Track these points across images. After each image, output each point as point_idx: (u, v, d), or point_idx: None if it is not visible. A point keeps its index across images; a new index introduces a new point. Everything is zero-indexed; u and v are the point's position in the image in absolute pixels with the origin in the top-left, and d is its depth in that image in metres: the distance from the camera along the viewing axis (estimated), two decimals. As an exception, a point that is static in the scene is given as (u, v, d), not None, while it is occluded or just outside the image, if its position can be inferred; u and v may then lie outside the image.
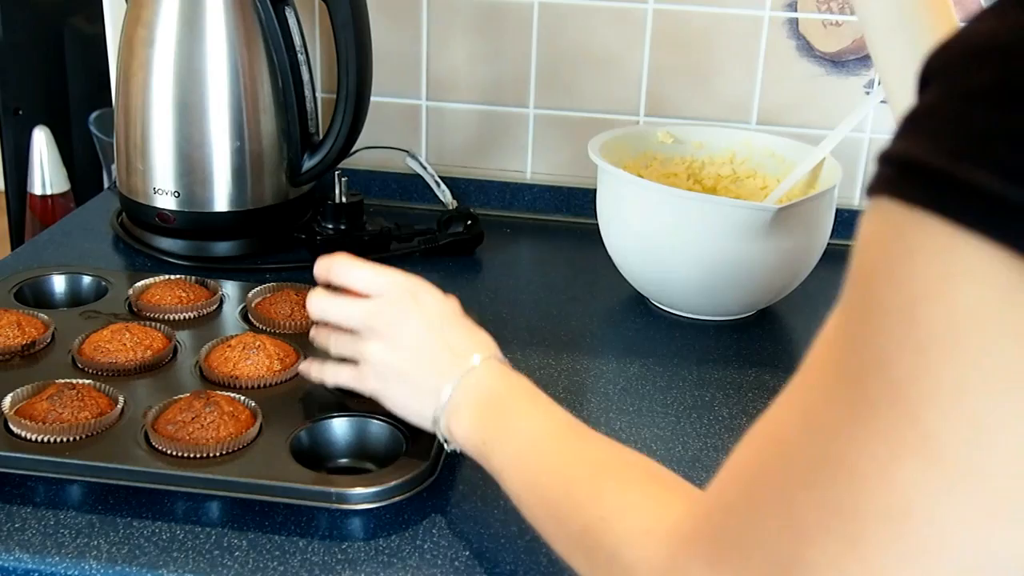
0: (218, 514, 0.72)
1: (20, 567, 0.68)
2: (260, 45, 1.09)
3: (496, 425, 0.66)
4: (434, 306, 0.72)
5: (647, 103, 1.25)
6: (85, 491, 0.74)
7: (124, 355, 0.86)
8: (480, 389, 0.69)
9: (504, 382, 0.69)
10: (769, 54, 1.21)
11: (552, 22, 1.24)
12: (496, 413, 0.67)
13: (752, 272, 0.98)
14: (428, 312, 0.72)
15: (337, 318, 0.75)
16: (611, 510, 0.53)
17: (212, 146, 1.09)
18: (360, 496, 0.71)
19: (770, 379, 0.94)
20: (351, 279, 0.74)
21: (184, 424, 0.75)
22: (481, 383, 0.69)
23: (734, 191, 1.13)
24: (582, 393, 0.91)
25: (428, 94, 1.29)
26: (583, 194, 1.27)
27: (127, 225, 1.17)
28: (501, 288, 1.11)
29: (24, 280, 1.00)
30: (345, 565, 0.68)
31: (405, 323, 0.71)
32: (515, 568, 0.69)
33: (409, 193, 1.31)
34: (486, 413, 0.67)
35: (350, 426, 0.79)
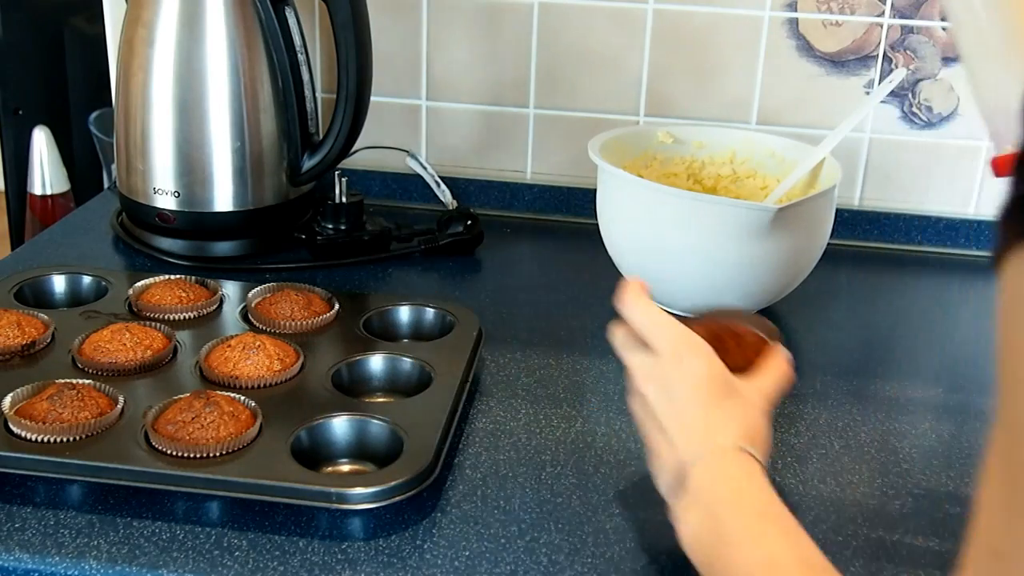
0: (218, 514, 0.72)
1: (20, 567, 0.68)
2: (260, 45, 1.09)
3: (720, 549, 0.62)
4: (702, 371, 0.68)
5: (647, 103, 1.25)
6: (85, 491, 0.74)
7: (124, 355, 0.86)
8: (714, 491, 0.64)
9: (737, 488, 0.64)
10: (769, 54, 1.21)
11: (552, 22, 1.24)
12: (722, 533, 0.62)
13: (752, 272, 0.98)
14: (695, 379, 0.68)
15: (622, 358, 0.72)
16: None
17: (212, 146, 1.09)
18: (360, 496, 0.71)
19: (770, 379, 0.94)
20: (631, 320, 0.72)
21: (184, 424, 0.75)
22: (716, 483, 0.64)
23: (734, 191, 1.13)
24: (582, 393, 0.91)
25: (428, 94, 1.29)
26: (583, 194, 1.26)
27: (127, 225, 1.17)
28: (501, 288, 1.11)
29: (24, 280, 1.00)
30: (345, 565, 0.68)
31: (672, 387, 0.68)
32: (515, 568, 0.69)
33: (409, 193, 1.31)
34: (713, 525, 0.62)
35: (350, 426, 0.79)
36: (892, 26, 1.19)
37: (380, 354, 0.89)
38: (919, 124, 1.22)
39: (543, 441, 0.83)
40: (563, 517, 0.74)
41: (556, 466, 0.80)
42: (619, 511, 0.75)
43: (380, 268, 1.13)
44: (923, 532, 0.74)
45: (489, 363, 0.95)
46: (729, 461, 0.64)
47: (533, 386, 0.91)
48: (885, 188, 1.25)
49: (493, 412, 0.87)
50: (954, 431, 0.88)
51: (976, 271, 1.21)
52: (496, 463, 0.80)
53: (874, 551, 0.72)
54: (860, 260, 1.23)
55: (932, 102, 1.21)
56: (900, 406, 0.91)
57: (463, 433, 0.84)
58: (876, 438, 0.86)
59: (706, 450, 0.64)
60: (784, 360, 0.71)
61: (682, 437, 0.66)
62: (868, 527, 0.75)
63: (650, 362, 0.69)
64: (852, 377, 0.95)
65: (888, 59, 1.20)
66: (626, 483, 0.78)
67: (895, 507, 0.77)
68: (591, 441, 0.84)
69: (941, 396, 0.93)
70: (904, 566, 0.71)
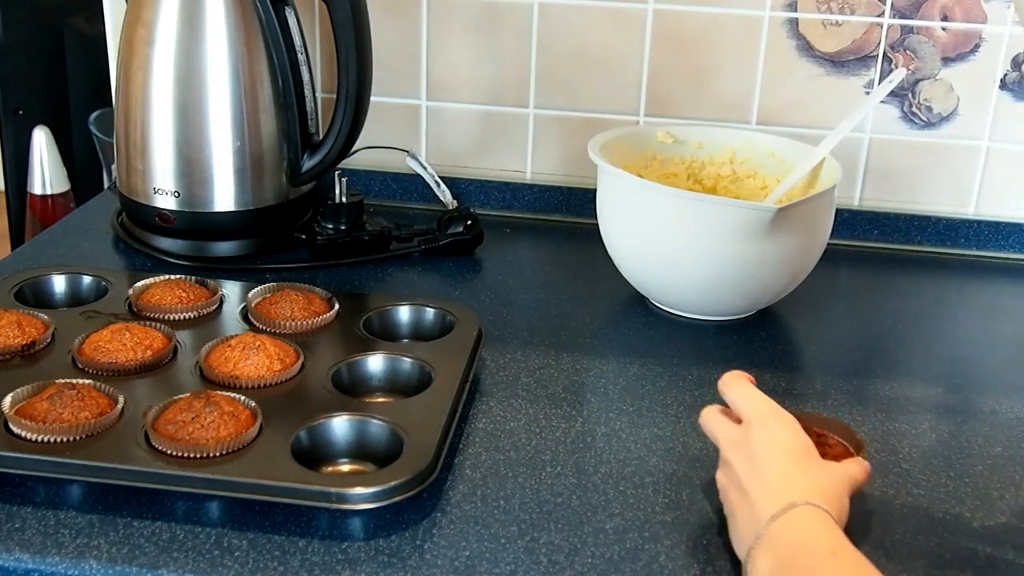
0: (218, 514, 0.72)
1: (20, 567, 0.68)
2: (260, 45, 1.09)
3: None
4: (786, 437, 0.71)
5: (647, 103, 1.25)
6: (85, 491, 0.74)
7: (124, 355, 0.86)
8: (787, 536, 0.65)
9: (809, 531, 0.65)
10: (769, 54, 1.21)
11: (552, 22, 1.24)
12: (792, 568, 0.63)
13: (752, 272, 0.98)
14: (779, 442, 0.71)
15: (713, 436, 0.75)
16: None
17: (212, 146, 1.09)
18: (360, 496, 0.71)
19: (770, 379, 0.94)
20: (729, 397, 0.75)
21: (184, 424, 0.75)
22: (789, 529, 0.65)
23: (734, 191, 1.13)
24: (582, 393, 0.91)
25: (428, 94, 1.29)
26: (583, 194, 1.27)
27: (127, 225, 1.17)
28: (501, 288, 1.11)
29: (24, 280, 1.00)
30: (345, 565, 0.68)
31: (757, 451, 0.70)
32: (515, 568, 0.69)
33: (409, 193, 1.31)
34: (784, 565, 0.64)
35: (350, 426, 0.79)
36: (892, 26, 1.19)
37: (380, 354, 0.89)
38: (919, 124, 1.22)
39: (543, 441, 0.83)
40: (563, 517, 0.74)
41: (556, 466, 0.80)
42: (619, 511, 0.75)
43: (380, 268, 1.13)
44: (923, 532, 0.74)
45: (489, 363, 0.95)
46: (804, 512, 0.66)
47: (533, 386, 0.91)
48: (885, 188, 1.25)
49: (493, 412, 0.87)
50: (954, 431, 0.88)
51: (976, 271, 1.21)
52: (496, 463, 0.80)
53: (874, 551, 0.72)
54: (860, 260, 1.23)
55: (932, 102, 1.21)
56: (900, 406, 0.91)
57: (463, 433, 0.84)
58: (876, 438, 0.86)
59: (783, 506, 0.66)
60: (864, 467, 0.73)
61: (762, 496, 0.68)
62: (868, 527, 0.75)
63: (739, 431, 0.73)
64: (852, 377, 0.95)
65: (888, 59, 1.20)
66: (626, 483, 0.78)
67: (895, 507, 0.77)
68: (591, 441, 0.84)
69: (941, 396, 0.93)
70: (904, 566, 0.71)
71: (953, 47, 1.19)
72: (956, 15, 1.17)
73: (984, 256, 1.23)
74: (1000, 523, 0.76)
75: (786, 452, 0.70)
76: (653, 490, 0.78)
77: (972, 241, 1.23)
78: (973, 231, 1.23)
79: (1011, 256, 1.24)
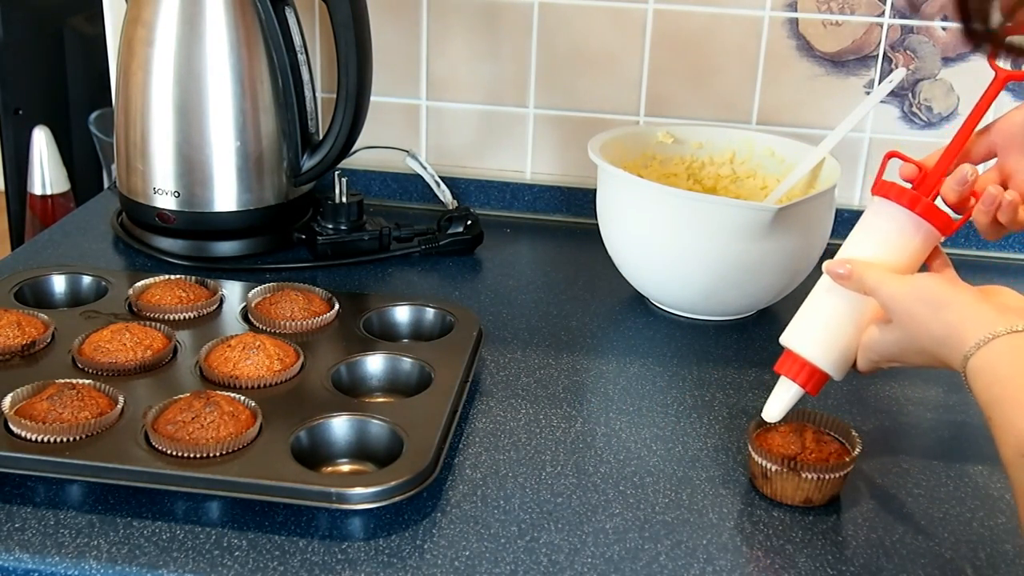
0: (218, 514, 0.72)
1: (20, 567, 0.68)
2: (260, 45, 1.09)
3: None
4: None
5: (647, 103, 1.25)
6: (85, 491, 0.74)
7: (124, 355, 0.86)
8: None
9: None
10: (769, 54, 1.21)
11: (552, 22, 1.24)
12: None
13: (752, 272, 0.98)
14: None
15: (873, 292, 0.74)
16: None
17: (212, 146, 1.09)
18: (360, 496, 0.71)
19: (770, 379, 0.94)
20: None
21: (184, 424, 0.75)
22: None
23: (734, 191, 1.13)
24: (582, 393, 0.91)
25: (428, 94, 1.29)
26: (583, 194, 1.27)
27: (127, 225, 1.17)
28: (501, 288, 1.11)
29: (24, 280, 1.00)
30: (345, 565, 0.68)
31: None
32: (515, 568, 0.69)
33: (409, 193, 1.31)
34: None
35: (350, 426, 0.79)
36: (892, 26, 1.19)
37: (380, 354, 0.89)
38: (919, 124, 1.22)
39: (543, 441, 0.83)
40: (563, 517, 0.74)
41: (556, 466, 0.80)
42: (619, 511, 0.75)
43: (380, 268, 1.13)
44: (923, 532, 0.74)
45: (489, 363, 0.95)
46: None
47: (533, 386, 0.91)
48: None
49: (493, 412, 0.87)
50: (954, 431, 0.88)
51: (976, 271, 1.21)
52: (496, 463, 0.80)
53: (874, 551, 0.72)
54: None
55: (932, 102, 1.21)
56: (900, 406, 0.91)
57: (463, 433, 0.84)
58: (876, 438, 0.86)
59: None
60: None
61: (977, 311, 0.67)
62: (868, 527, 0.75)
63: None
64: (852, 377, 0.95)
65: (888, 59, 1.20)
66: (626, 483, 0.78)
67: (895, 507, 0.77)
68: (591, 441, 0.84)
69: (941, 396, 0.93)
70: (904, 566, 0.71)
71: (953, 47, 1.19)
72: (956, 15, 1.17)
73: (984, 256, 1.23)
74: (1000, 523, 0.76)
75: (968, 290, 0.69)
76: (653, 490, 0.78)
77: (972, 241, 1.23)
78: (973, 231, 1.23)
79: (1011, 256, 1.24)
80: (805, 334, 0.77)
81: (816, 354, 0.75)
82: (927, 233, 0.74)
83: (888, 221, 0.75)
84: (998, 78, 0.75)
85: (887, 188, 0.75)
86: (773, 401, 0.78)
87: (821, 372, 0.76)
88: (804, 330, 0.77)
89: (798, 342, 0.76)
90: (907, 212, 0.74)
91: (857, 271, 0.73)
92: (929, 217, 0.73)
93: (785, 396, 0.77)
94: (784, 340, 0.77)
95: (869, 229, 0.76)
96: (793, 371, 0.76)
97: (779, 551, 0.72)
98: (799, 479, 0.75)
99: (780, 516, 0.75)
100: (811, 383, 0.76)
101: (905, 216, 0.74)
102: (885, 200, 0.75)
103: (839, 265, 0.75)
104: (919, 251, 0.75)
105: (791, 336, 0.77)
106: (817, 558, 0.71)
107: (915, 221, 0.74)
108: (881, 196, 0.75)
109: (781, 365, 0.77)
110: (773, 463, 0.75)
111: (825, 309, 0.76)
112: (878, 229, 0.75)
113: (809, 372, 0.76)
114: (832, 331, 0.75)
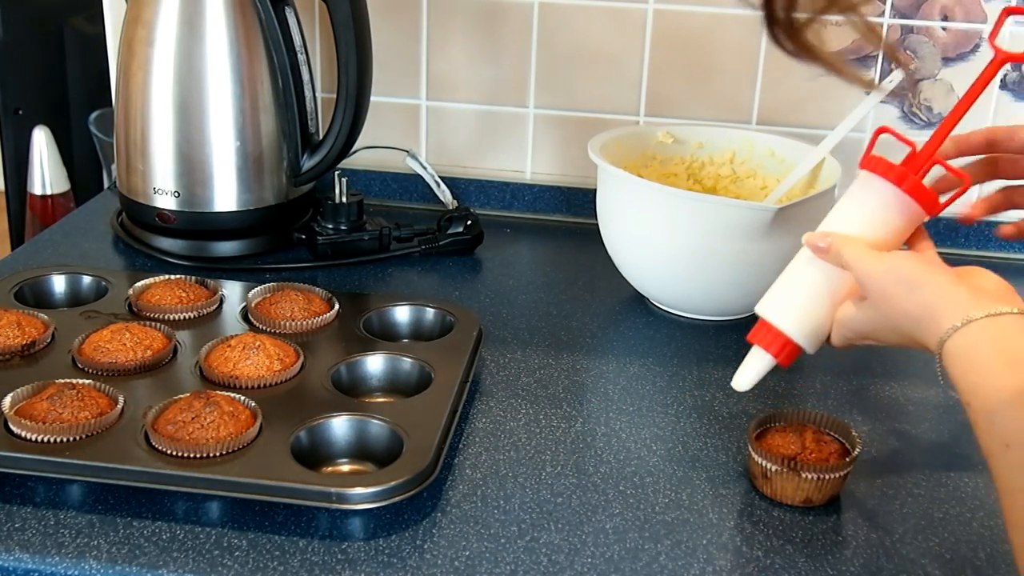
0: (218, 514, 0.72)
1: (20, 567, 0.68)
2: (260, 45, 1.09)
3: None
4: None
5: (647, 103, 1.25)
6: (85, 491, 0.74)
7: (124, 355, 0.86)
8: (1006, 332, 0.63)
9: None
10: (769, 54, 1.21)
11: (552, 22, 1.24)
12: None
13: (752, 272, 0.98)
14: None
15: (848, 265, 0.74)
16: None
17: (212, 146, 1.09)
18: (360, 496, 0.71)
19: (770, 379, 0.94)
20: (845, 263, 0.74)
21: (184, 424, 0.75)
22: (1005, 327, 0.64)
23: (734, 191, 1.13)
24: (582, 393, 0.91)
25: (428, 94, 1.29)
26: (583, 194, 1.27)
27: (127, 225, 1.17)
28: (501, 288, 1.11)
29: (24, 280, 1.00)
30: (345, 565, 0.68)
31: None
32: (515, 568, 0.69)
33: (409, 193, 1.31)
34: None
35: (350, 426, 0.79)
36: (892, 26, 1.19)
37: (380, 354, 0.89)
38: (919, 124, 1.22)
39: (543, 441, 0.83)
40: (563, 517, 0.74)
41: (556, 466, 0.80)
42: (619, 511, 0.75)
43: (380, 268, 1.13)
44: (923, 532, 0.74)
45: (489, 363, 0.95)
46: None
47: (533, 386, 0.91)
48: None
49: (493, 412, 0.87)
50: (954, 431, 0.88)
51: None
52: (496, 463, 0.80)
53: (874, 551, 0.72)
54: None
55: (932, 102, 1.21)
56: (900, 406, 0.91)
57: (463, 433, 0.84)
58: (876, 438, 0.86)
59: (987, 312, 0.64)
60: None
61: (955, 293, 0.67)
62: (868, 527, 0.75)
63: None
64: (852, 377, 0.95)
65: (888, 59, 1.20)
66: (626, 483, 0.78)
67: (895, 507, 0.77)
68: (591, 441, 0.84)
69: (941, 396, 0.93)
70: (904, 566, 0.71)
71: (953, 47, 1.19)
72: (956, 15, 1.17)
73: (984, 256, 1.23)
74: (1000, 523, 0.76)
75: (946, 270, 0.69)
76: (653, 490, 0.78)
77: (972, 241, 1.23)
78: (973, 231, 1.23)
79: (1011, 256, 1.24)
80: (780, 305, 0.76)
81: (790, 325, 0.75)
82: (912, 211, 0.73)
83: (873, 196, 0.74)
84: (996, 59, 0.75)
85: (875, 163, 0.74)
86: (744, 370, 0.77)
87: (794, 344, 0.75)
88: (779, 301, 0.76)
89: (773, 312, 0.76)
90: (893, 188, 0.73)
91: (836, 245, 0.73)
92: (915, 195, 0.73)
93: (756, 366, 0.77)
94: (759, 309, 0.77)
95: (853, 203, 0.75)
96: (766, 341, 0.76)
97: (779, 551, 0.72)
98: (799, 479, 0.75)
99: (780, 516, 0.75)
100: (783, 354, 0.75)
101: (891, 192, 0.73)
102: (872, 174, 0.74)
103: (819, 238, 0.74)
104: (902, 229, 0.74)
105: (766, 306, 0.76)
106: (817, 558, 0.71)
107: (900, 198, 0.73)
108: (868, 170, 0.74)
109: (754, 335, 0.76)
110: (773, 463, 0.75)
111: (802, 281, 0.75)
112: (862, 203, 0.74)
113: (782, 343, 0.75)
114: (807, 303, 0.75)
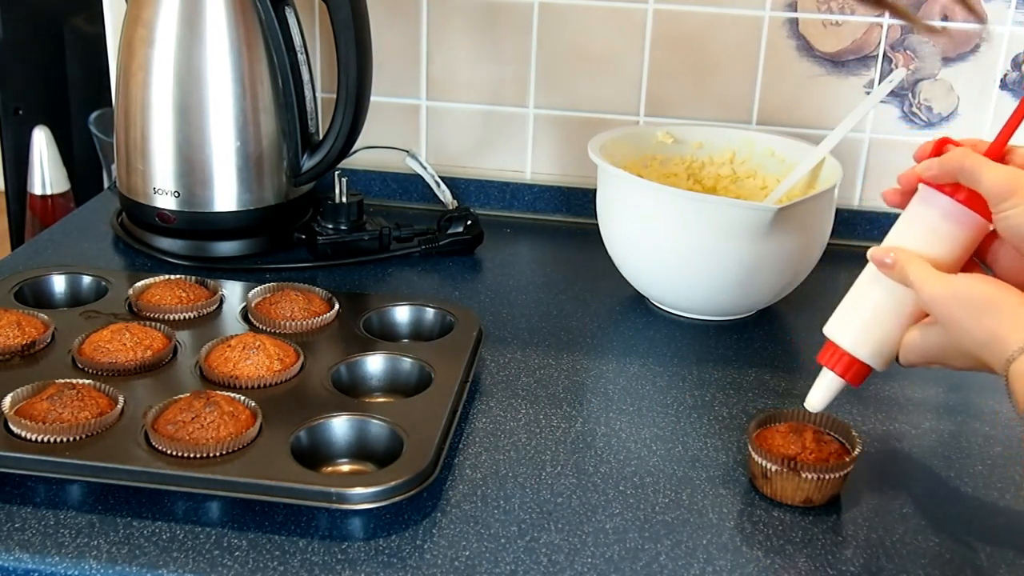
0: (218, 514, 0.72)
1: (20, 567, 0.68)
2: (260, 45, 1.09)
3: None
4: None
5: (647, 103, 1.25)
6: (85, 491, 0.74)
7: (124, 355, 0.86)
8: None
9: None
10: (769, 54, 1.21)
11: (552, 22, 1.24)
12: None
13: (752, 272, 0.98)
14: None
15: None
16: None
17: (212, 146, 1.09)
18: (360, 496, 0.71)
19: (770, 379, 0.94)
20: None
21: (184, 424, 0.75)
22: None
23: (734, 191, 1.13)
24: (582, 393, 0.91)
25: (428, 94, 1.29)
26: (583, 194, 1.26)
27: (127, 225, 1.17)
28: (501, 288, 1.11)
29: (24, 280, 1.00)
30: (345, 565, 0.68)
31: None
32: (515, 568, 0.69)
33: (409, 193, 1.31)
34: None
35: (350, 426, 0.79)
36: (892, 26, 1.19)
37: (380, 354, 0.89)
38: (919, 124, 1.22)
39: (543, 441, 0.83)
40: (563, 517, 0.74)
41: (556, 466, 0.80)
42: (619, 511, 0.75)
43: (380, 268, 1.13)
44: (923, 532, 0.74)
45: (489, 363, 0.95)
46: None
47: (533, 386, 0.91)
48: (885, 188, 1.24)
49: (493, 412, 0.87)
50: (954, 431, 0.88)
51: (976, 271, 1.21)
52: (496, 463, 0.80)
53: (874, 551, 0.72)
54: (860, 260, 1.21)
55: (932, 102, 1.21)
56: (900, 406, 0.91)
57: (463, 433, 0.84)
58: (876, 438, 0.86)
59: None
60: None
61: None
62: (868, 527, 0.75)
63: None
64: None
65: (888, 59, 1.20)
66: (626, 483, 0.78)
67: (895, 507, 0.77)
68: (591, 441, 0.84)
69: (941, 396, 0.93)
70: (904, 566, 0.71)
71: (953, 47, 1.19)
72: (956, 15, 1.17)
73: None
74: (1000, 523, 0.76)
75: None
76: (653, 490, 0.78)
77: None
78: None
79: None
80: (845, 324, 0.75)
81: (855, 345, 0.74)
82: (974, 223, 0.71)
83: (932, 209, 0.73)
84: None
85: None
86: (815, 391, 0.76)
87: (861, 363, 0.74)
88: (845, 320, 0.75)
89: (838, 332, 0.75)
90: (950, 200, 0.71)
91: (901, 261, 0.71)
92: (973, 206, 0.71)
93: (826, 387, 0.76)
94: (826, 330, 0.76)
95: (914, 217, 0.74)
96: (833, 361, 0.75)
97: (779, 551, 0.72)
98: (799, 479, 0.75)
99: (780, 516, 0.75)
100: (850, 373, 0.75)
101: (949, 204, 0.71)
102: (928, 188, 0.73)
103: (884, 253, 0.73)
104: (966, 241, 0.72)
105: (832, 326, 0.76)
106: (817, 558, 0.71)
107: (959, 209, 0.71)
108: (924, 183, 0.73)
109: (823, 355, 0.76)
110: (773, 463, 0.75)
111: (867, 299, 0.75)
112: (922, 217, 0.73)
113: (848, 362, 0.74)
114: (873, 322, 0.74)
